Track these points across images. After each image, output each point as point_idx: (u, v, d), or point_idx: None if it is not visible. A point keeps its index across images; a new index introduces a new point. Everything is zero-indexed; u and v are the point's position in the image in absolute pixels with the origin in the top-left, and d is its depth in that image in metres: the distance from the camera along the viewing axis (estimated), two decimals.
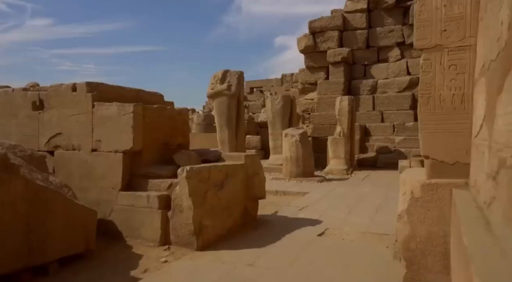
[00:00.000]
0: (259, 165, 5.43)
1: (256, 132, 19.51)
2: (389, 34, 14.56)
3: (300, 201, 7.31)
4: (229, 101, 13.76)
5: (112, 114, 4.57)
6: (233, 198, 4.89)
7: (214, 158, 5.35)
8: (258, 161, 5.44)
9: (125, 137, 4.50)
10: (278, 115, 12.99)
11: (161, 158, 4.94)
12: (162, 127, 4.99)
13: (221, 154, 5.35)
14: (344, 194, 7.99)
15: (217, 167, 4.68)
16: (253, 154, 5.38)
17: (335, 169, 11.91)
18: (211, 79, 14.24)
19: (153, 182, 4.53)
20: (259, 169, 5.40)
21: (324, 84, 14.98)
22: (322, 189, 8.65)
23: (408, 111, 13.83)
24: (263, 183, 5.43)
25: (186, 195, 4.15)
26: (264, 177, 5.48)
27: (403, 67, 14.38)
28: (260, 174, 5.38)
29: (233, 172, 4.95)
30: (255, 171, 5.32)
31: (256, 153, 5.31)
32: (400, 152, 13.23)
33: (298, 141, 10.46)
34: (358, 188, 8.84)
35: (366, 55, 14.93)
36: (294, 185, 9.41)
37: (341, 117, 12.43)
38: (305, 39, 15.45)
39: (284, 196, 8.29)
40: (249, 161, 5.24)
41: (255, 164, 5.35)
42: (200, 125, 24.75)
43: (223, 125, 13.90)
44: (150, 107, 4.81)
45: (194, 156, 5.01)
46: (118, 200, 4.50)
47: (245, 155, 5.19)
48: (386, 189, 8.53)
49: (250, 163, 5.25)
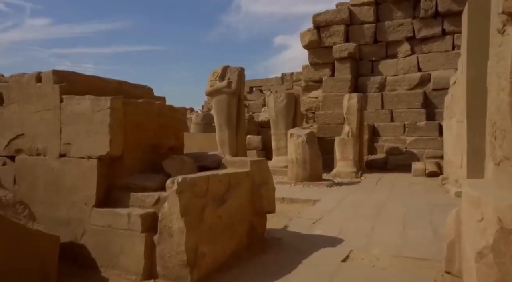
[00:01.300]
0: (268, 173, 4.45)
1: (257, 132, 18.51)
2: (398, 28, 13.59)
3: (312, 211, 6.33)
4: (229, 99, 12.76)
5: (85, 110, 3.58)
6: (237, 214, 3.91)
7: (213, 165, 4.38)
8: (266, 167, 4.46)
9: (100, 139, 3.51)
10: (281, 114, 12.02)
11: (148, 165, 3.95)
12: (148, 126, 4.01)
13: (222, 159, 4.37)
14: (359, 202, 7.01)
15: (217, 177, 3.70)
16: (260, 160, 4.39)
17: (343, 172, 10.95)
18: (210, 76, 13.24)
19: (136, 196, 3.54)
20: (268, 177, 4.42)
21: (329, 81, 14.00)
22: (334, 196, 7.67)
23: (420, 110, 12.86)
24: (272, 195, 4.45)
25: (177, 215, 3.17)
26: (273, 187, 4.50)
27: (413, 63, 13.41)
28: (269, 184, 4.40)
29: (237, 182, 3.97)
30: (263, 179, 4.34)
31: (264, 158, 4.27)
32: (412, 154, 12.27)
33: (305, 142, 9.48)
34: (373, 194, 7.87)
35: (373, 50, 13.96)
36: (301, 191, 8.43)
37: (349, 116, 11.45)
38: (309, 34, 14.47)
39: (292, 204, 7.32)
40: (255, 167, 4.26)
41: (262, 172, 4.37)
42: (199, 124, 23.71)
43: (222, 125, 12.90)
44: (133, 101, 3.82)
45: (189, 162, 4.03)
46: (92, 219, 3.51)
47: (250, 161, 4.21)
48: (405, 196, 7.56)
49: (256, 170, 4.27)
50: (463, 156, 7.38)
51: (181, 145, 4.66)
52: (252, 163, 4.26)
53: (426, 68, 13.20)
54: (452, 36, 12.90)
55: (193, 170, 4.01)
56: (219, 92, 12.80)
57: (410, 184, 9.29)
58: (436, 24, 13.04)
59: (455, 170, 8.21)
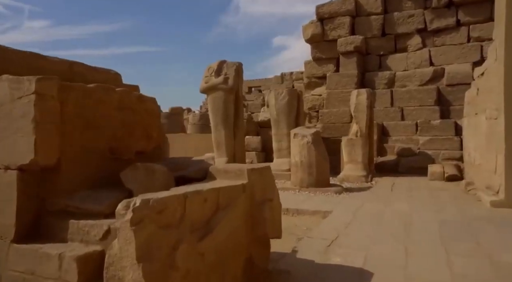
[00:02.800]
0: (272, 185, 3.24)
1: (256, 132, 17.29)
2: (408, 19, 12.39)
3: (324, 227, 5.12)
4: (225, 96, 11.52)
5: (1, 98, 2.38)
6: (229, 247, 2.71)
7: (197, 175, 3.17)
8: (270, 177, 3.25)
9: (22, 140, 2.31)
10: (283, 113, 10.81)
11: (102, 178, 2.75)
12: (105, 122, 2.81)
13: (210, 168, 3.16)
14: (379, 214, 5.80)
15: (199, 194, 2.49)
16: (261, 167, 3.17)
17: (352, 176, 9.74)
18: (205, 72, 12.01)
19: (77, 225, 2.34)
20: (272, 191, 3.21)
21: (334, 77, 12.79)
22: (346, 206, 6.46)
23: (433, 107, 11.65)
24: (278, 215, 3.25)
25: (132, 259, 1.97)
26: (279, 204, 3.29)
27: (425, 57, 12.21)
28: (274, 200, 3.19)
29: (229, 200, 2.77)
30: (266, 195, 3.13)
31: (267, 166, 2.99)
32: (426, 155, 11.06)
33: (310, 142, 8.28)
34: (392, 203, 6.66)
35: (381, 44, 12.75)
36: (308, 199, 7.22)
37: (358, 113, 10.24)
38: (311, 26, 13.27)
39: (298, 216, 6.12)
40: (256, 178, 3.05)
41: (265, 184, 3.16)
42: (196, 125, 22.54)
43: (218, 124, 11.66)
44: (78, 85, 2.62)
45: (162, 172, 2.82)
46: (9, 261, 2.31)
47: (248, 169, 3.00)
48: (431, 206, 6.35)
49: (257, 182, 3.06)
50: (498, 159, 6.19)
51: (156, 148, 3.45)
52: (251, 172, 3.04)
53: (439, 62, 12.00)
54: (467, 27, 11.71)
55: (167, 184, 2.81)
56: (215, 88, 11.57)
57: (430, 190, 8.08)
58: (450, 15, 11.84)
59: (484, 174, 7.01)
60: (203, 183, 2.86)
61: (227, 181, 3.02)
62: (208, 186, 2.73)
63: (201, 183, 2.86)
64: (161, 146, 3.67)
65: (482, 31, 11.48)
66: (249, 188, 2.99)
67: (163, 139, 3.68)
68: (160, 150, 3.61)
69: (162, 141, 3.67)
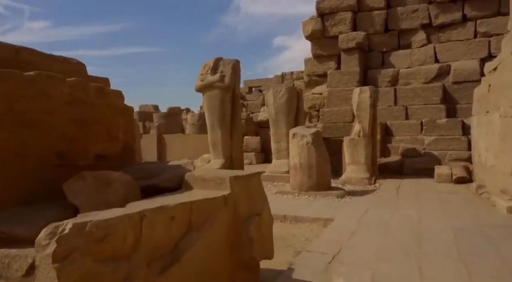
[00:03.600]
0: (261, 195, 2.66)
1: (256, 132, 16.74)
2: (412, 14, 11.78)
3: (325, 238, 4.53)
4: (222, 94, 10.94)
5: None
6: (204, 276, 2.13)
7: (170, 183, 2.59)
8: (259, 186, 2.67)
9: None
10: (282, 111, 10.23)
11: (46, 189, 2.17)
12: (50, 120, 2.23)
13: (186, 175, 2.58)
14: (386, 222, 5.21)
15: (163, 212, 1.92)
16: (247, 175, 2.57)
17: (354, 178, 9.14)
18: (201, 69, 11.42)
19: None
20: (261, 203, 2.63)
21: (335, 74, 12.19)
22: (350, 212, 5.87)
23: (439, 106, 11.04)
24: (268, 232, 2.66)
25: None
26: (270, 219, 2.71)
27: (429, 54, 11.59)
28: (264, 215, 2.61)
29: (205, 217, 2.19)
30: (253, 208, 2.55)
31: (256, 172, 2.37)
32: (432, 156, 10.45)
33: (310, 143, 7.69)
34: (399, 209, 6.06)
35: (384, 40, 12.14)
36: (307, 204, 6.63)
37: (360, 112, 9.65)
38: (312, 22, 12.67)
39: (297, 224, 5.52)
40: (240, 188, 2.47)
41: (252, 194, 2.58)
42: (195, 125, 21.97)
43: (215, 124, 11.08)
44: (10, 73, 2.04)
45: (121, 182, 2.24)
46: None
47: (231, 178, 2.41)
48: (441, 212, 5.76)
49: (242, 193, 2.48)
50: None
51: (122, 150, 2.87)
52: (235, 180, 2.46)
53: (445, 59, 11.39)
54: (474, 22, 11.09)
55: (129, 196, 2.23)
56: (211, 87, 10.99)
57: (439, 193, 7.48)
58: (456, 9, 11.23)
59: (498, 177, 6.40)
60: (173, 195, 2.28)
61: (205, 191, 2.44)
62: (178, 199, 2.15)
63: (171, 195, 2.28)
64: (132, 148, 3.09)
65: (489, 26, 10.86)
66: (232, 201, 2.41)
67: (134, 140, 3.09)
68: (130, 153, 3.03)
69: (132, 143, 3.09)
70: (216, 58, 11.29)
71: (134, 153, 3.19)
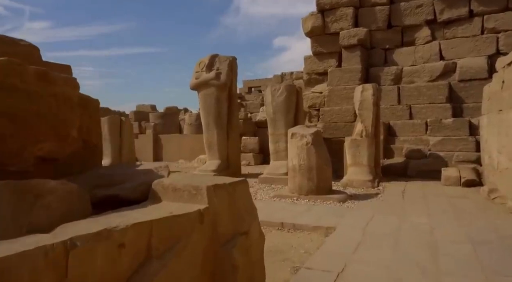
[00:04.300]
0: (248, 209, 2.09)
1: (254, 132, 16.18)
2: (416, 10, 11.22)
3: (327, 250, 3.96)
4: (218, 93, 10.39)
5: None
6: None
7: (133, 194, 2.03)
8: (245, 198, 2.10)
9: None
10: (280, 110, 9.66)
11: None
12: None
13: (154, 183, 2.01)
14: (394, 231, 4.64)
15: (104, 237, 1.35)
16: (230, 183, 1.99)
17: (356, 180, 8.58)
18: (196, 67, 10.87)
19: None
20: (248, 219, 2.06)
21: (336, 72, 11.63)
22: (353, 219, 5.31)
23: (445, 105, 10.48)
24: (257, 256, 2.09)
25: None
26: (261, 239, 2.15)
27: (434, 51, 11.03)
28: (252, 233, 2.04)
29: (172, 240, 1.63)
30: (238, 225, 1.98)
31: (241, 180, 1.77)
32: (438, 157, 9.89)
33: (310, 143, 7.13)
34: (407, 216, 5.49)
35: (387, 36, 11.58)
36: (307, 210, 6.07)
37: (363, 111, 9.09)
38: (311, 18, 12.11)
39: (295, 232, 4.96)
40: (220, 200, 1.90)
41: (236, 208, 2.01)
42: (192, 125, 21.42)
43: (210, 123, 10.53)
44: None
45: (61, 195, 1.67)
46: None
47: (209, 187, 1.85)
48: (454, 220, 5.19)
49: (223, 207, 1.92)
50: None
51: (83, 152, 2.31)
52: (214, 190, 1.90)
53: (450, 56, 10.83)
54: (481, 17, 10.53)
55: (72, 213, 1.66)
56: (206, 85, 10.43)
57: (448, 198, 6.92)
58: (462, 4, 10.68)
59: None
60: (130, 211, 1.72)
61: (175, 205, 1.88)
62: (134, 216, 1.59)
63: (127, 211, 1.72)
64: (96, 149, 2.53)
65: (497, 21, 10.31)
66: (210, 217, 1.85)
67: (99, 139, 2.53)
68: (92, 156, 2.47)
69: (96, 143, 2.54)
70: (211, 54, 10.74)
71: (98, 155, 2.63)
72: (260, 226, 2.17)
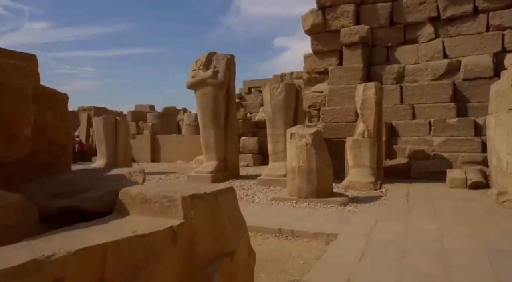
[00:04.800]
0: (236, 223, 1.74)
1: (253, 133, 15.83)
2: (419, 7, 10.87)
3: (328, 261, 3.61)
4: (215, 92, 10.04)
5: None
6: None
7: (96, 205, 1.68)
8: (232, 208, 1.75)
9: None
10: (279, 110, 9.31)
11: None
12: None
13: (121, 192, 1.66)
14: (400, 238, 4.29)
15: (32, 273, 1.00)
16: (212, 192, 1.65)
17: (358, 182, 8.23)
18: (193, 65, 10.51)
19: None
20: (235, 236, 1.70)
21: (337, 71, 11.28)
22: (356, 225, 4.95)
23: (449, 104, 10.12)
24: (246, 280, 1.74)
25: None
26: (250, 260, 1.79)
27: (438, 49, 10.68)
28: (239, 254, 1.68)
29: (137, 266, 1.28)
30: (222, 245, 1.63)
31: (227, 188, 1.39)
32: (442, 158, 9.52)
33: (310, 144, 6.78)
34: (413, 221, 5.13)
35: (389, 34, 11.23)
36: (307, 214, 5.71)
37: (365, 110, 8.73)
38: (312, 16, 11.75)
39: (294, 240, 4.60)
40: (199, 213, 1.55)
41: (219, 223, 1.66)
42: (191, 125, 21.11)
43: (207, 123, 10.18)
44: None
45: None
46: None
47: (184, 198, 1.50)
48: (464, 225, 4.83)
49: (202, 222, 1.57)
50: None
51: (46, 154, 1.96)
52: (192, 202, 1.54)
53: (454, 54, 10.48)
54: (486, 14, 10.17)
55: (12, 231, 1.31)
56: (203, 83, 10.09)
57: (455, 201, 6.56)
58: (466, 1, 10.32)
59: None
60: (83, 228, 1.37)
61: (145, 219, 1.53)
62: (83, 239, 1.24)
63: (81, 228, 1.37)
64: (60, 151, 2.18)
65: (503, 18, 9.95)
66: (186, 235, 1.50)
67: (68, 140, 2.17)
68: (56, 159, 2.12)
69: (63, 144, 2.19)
70: (209, 52, 10.39)
71: (66, 157, 2.28)
72: (249, 243, 1.81)
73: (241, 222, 1.79)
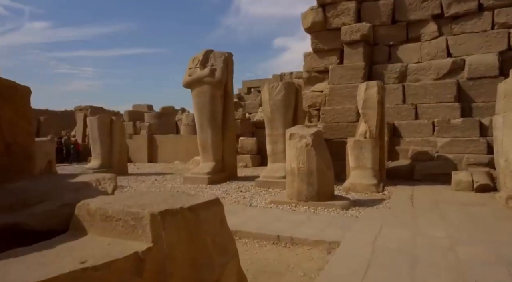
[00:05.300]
0: (223, 244, 1.40)
1: (252, 133, 15.48)
2: (422, 4, 10.53)
3: (331, 273, 3.27)
4: (212, 90, 9.69)
5: None
6: None
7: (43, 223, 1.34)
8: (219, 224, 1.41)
9: None
10: (278, 109, 8.97)
11: None
12: None
13: (79, 206, 1.32)
14: (408, 248, 3.94)
15: None
16: (195, 205, 1.34)
17: (360, 184, 7.89)
18: (189, 63, 10.17)
19: None
20: (222, 260, 1.36)
21: (337, 69, 10.94)
22: (359, 232, 4.61)
23: (453, 104, 9.78)
24: None
25: None
26: None
27: (441, 47, 10.34)
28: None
29: None
30: (204, 272, 1.29)
31: (211, 200, 1.03)
32: (447, 160, 9.18)
33: (310, 145, 6.45)
34: (421, 227, 4.79)
35: (391, 32, 10.89)
36: (307, 220, 5.37)
37: (367, 110, 8.39)
38: (312, 13, 11.41)
39: (293, 248, 4.26)
40: (173, 233, 1.22)
41: (201, 244, 1.32)
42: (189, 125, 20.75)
43: (204, 123, 9.83)
44: None
45: None
46: None
47: (153, 215, 1.16)
48: (475, 233, 4.49)
49: (178, 244, 1.23)
50: None
51: None
52: (163, 219, 1.21)
53: (458, 53, 10.15)
54: (491, 12, 9.84)
55: None
56: (200, 82, 9.74)
57: (462, 205, 6.22)
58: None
59: None
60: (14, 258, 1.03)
61: (105, 240, 1.20)
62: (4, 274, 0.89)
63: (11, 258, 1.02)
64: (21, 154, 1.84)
65: (509, 16, 9.62)
66: (155, 264, 1.16)
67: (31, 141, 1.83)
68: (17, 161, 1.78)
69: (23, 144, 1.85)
70: (206, 50, 10.05)
71: (28, 160, 1.94)
72: (240, 268, 1.47)
73: (229, 242, 1.45)
